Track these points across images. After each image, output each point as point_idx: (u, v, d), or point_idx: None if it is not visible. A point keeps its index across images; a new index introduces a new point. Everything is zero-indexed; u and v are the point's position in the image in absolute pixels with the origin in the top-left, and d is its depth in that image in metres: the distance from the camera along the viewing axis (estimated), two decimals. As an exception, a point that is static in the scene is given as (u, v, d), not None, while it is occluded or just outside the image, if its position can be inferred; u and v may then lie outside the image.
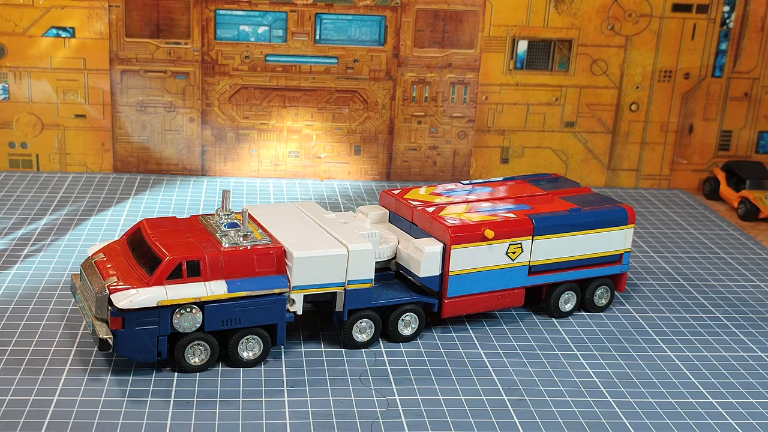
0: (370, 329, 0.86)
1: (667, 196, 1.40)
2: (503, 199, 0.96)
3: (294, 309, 0.83)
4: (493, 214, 0.91)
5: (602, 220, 0.94)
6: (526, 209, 0.93)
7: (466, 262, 0.88)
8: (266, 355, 0.83)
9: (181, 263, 0.77)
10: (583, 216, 0.93)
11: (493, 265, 0.89)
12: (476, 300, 0.90)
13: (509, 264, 0.90)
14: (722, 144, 1.44)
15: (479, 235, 0.87)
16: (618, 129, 1.41)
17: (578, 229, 0.93)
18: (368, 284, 0.84)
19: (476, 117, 1.38)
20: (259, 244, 0.81)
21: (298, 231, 0.86)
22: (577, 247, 0.93)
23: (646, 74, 1.39)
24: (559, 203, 0.96)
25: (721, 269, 1.11)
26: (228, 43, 1.30)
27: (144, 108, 1.32)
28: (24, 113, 1.31)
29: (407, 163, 1.38)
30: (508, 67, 1.36)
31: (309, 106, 1.34)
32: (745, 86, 1.41)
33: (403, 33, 1.33)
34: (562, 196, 0.98)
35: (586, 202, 0.97)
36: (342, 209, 1.24)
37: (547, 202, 0.96)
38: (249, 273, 0.80)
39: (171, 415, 0.74)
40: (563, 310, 0.95)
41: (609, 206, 0.95)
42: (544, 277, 0.93)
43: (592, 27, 1.36)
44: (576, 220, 0.93)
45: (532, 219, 0.90)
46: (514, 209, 0.93)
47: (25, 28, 1.27)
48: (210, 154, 1.35)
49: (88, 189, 1.27)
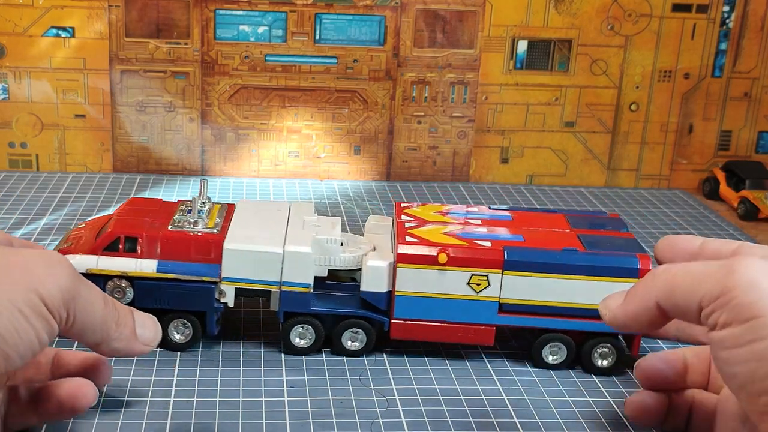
0: (311, 336, 0.84)
1: (667, 196, 1.40)
2: (506, 228, 0.87)
3: (225, 300, 0.83)
4: (468, 240, 0.83)
5: (603, 268, 0.81)
6: (512, 240, 0.84)
7: (416, 285, 0.81)
8: (196, 342, 0.83)
9: (119, 237, 0.82)
10: (579, 258, 0.81)
11: (450, 293, 0.82)
12: (432, 328, 0.83)
13: (472, 296, 0.82)
14: (722, 144, 1.44)
15: (432, 258, 0.81)
16: (618, 129, 1.41)
17: (569, 272, 0.81)
18: (305, 288, 0.82)
19: (476, 117, 1.38)
20: (201, 232, 0.83)
21: (255, 227, 0.85)
22: (566, 292, 0.81)
23: (645, 74, 1.39)
24: (567, 241, 0.84)
25: (721, 269, 1.11)
26: (228, 43, 1.30)
27: (144, 108, 1.32)
28: (24, 113, 1.31)
29: (407, 163, 1.38)
30: (508, 67, 1.36)
31: (309, 106, 1.34)
32: (744, 86, 1.41)
33: (402, 33, 1.33)
34: (582, 235, 0.86)
35: (602, 244, 0.84)
36: (342, 209, 1.24)
37: (555, 239, 0.85)
38: (184, 257, 0.82)
39: (171, 415, 0.74)
40: (547, 361, 0.84)
41: (618, 253, 0.82)
42: (521, 320, 0.83)
43: (591, 27, 1.36)
44: (567, 261, 0.81)
45: (504, 251, 0.81)
46: (500, 239, 0.84)
47: (25, 28, 1.27)
48: (210, 154, 1.35)
49: (88, 189, 1.27)
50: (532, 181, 1.41)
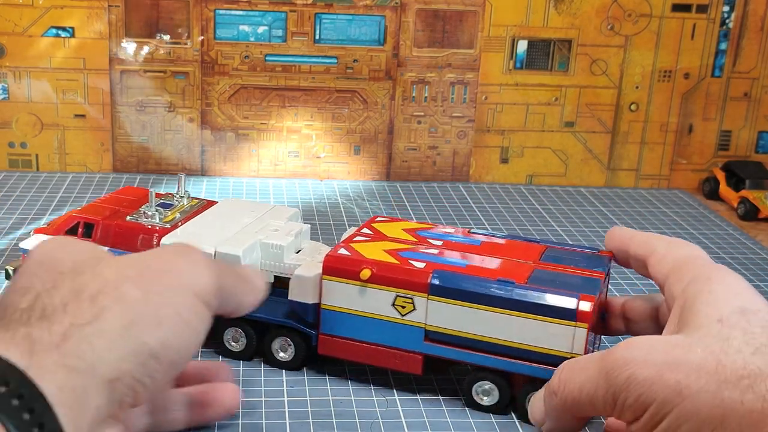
0: (243, 340, 0.82)
1: (667, 196, 1.40)
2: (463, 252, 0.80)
3: None
4: (404, 260, 0.77)
5: (534, 304, 0.71)
6: (452, 265, 0.77)
7: (341, 300, 0.77)
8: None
9: (78, 222, 0.85)
10: (511, 291, 0.72)
11: (374, 312, 0.76)
12: (358, 348, 0.78)
13: (397, 318, 0.75)
14: (722, 144, 1.44)
15: (355, 272, 0.76)
16: (618, 129, 1.41)
17: (499, 305, 0.72)
18: None
19: (476, 117, 1.38)
20: (151, 225, 0.84)
21: (210, 226, 0.85)
22: (497, 327, 0.72)
23: (645, 74, 1.39)
24: (517, 274, 0.75)
25: (720, 269, 1.11)
26: (228, 43, 1.30)
27: (144, 108, 1.32)
28: (24, 113, 1.31)
29: (407, 163, 1.38)
30: (508, 67, 1.36)
31: (309, 106, 1.34)
32: (744, 86, 1.41)
33: (402, 33, 1.33)
34: (539, 269, 0.76)
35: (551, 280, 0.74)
36: (342, 209, 1.24)
37: (506, 269, 0.76)
38: (131, 248, 0.83)
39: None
40: (478, 402, 0.76)
41: (557, 291, 0.72)
42: (448, 351, 0.75)
43: (591, 27, 1.36)
44: (497, 293, 0.72)
45: (431, 274, 0.74)
46: (441, 263, 0.77)
47: (25, 28, 1.27)
48: (210, 154, 1.35)
49: (88, 189, 1.27)
50: (532, 181, 1.41)
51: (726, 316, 0.60)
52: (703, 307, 0.62)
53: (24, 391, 0.48)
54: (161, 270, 0.59)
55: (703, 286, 0.64)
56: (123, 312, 0.55)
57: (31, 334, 0.52)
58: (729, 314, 0.60)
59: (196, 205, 0.90)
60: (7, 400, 0.47)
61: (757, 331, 0.59)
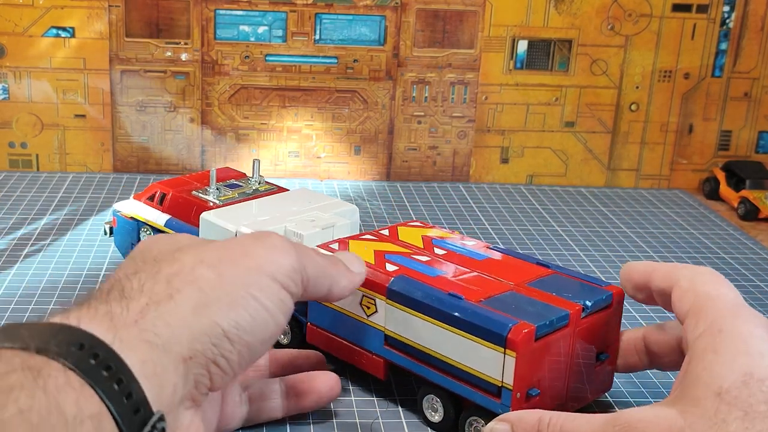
0: None
1: (667, 196, 1.40)
2: (458, 265, 0.77)
3: None
4: (386, 262, 0.76)
5: (469, 324, 0.67)
6: (425, 274, 0.74)
7: None
8: None
9: (156, 192, 0.95)
10: (454, 306, 0.69)
11: (346, 309, 0.76)
12: (335, 342, 0.78)
13: (363, 318, 0.75)
14: (722, 144, 1.44)
15: None
16: (618, 129, 1.41)
17: (442, 319, 0.69)
18: None
19: (476, 117, 1.38)
20: (207, 201, 0.92)
21: (249, 208, 0.90)
22: (443, 342, 0.69)
23: (645, 74, 1.39)
24: (480, 291, 0.72)
25: (721, 269, 1.11)
26: (228, 43, 1.30)
27: (144, 108, 1.32)
28: (24, 113, 1.31)
29: (407, 163, 1.38)
30: (508, 67, 1.36)
31: (309, 106, 1.34)
32: (745, 86, 1.41)
33: (403, 33, 1.33)
34: (514, 292, 0.72)
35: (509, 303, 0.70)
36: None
37: (481, 288, 0.72)
38: (186, 219, 0.91)
39: (171, 415, 0.74)
40: (429, 418, 0.73)
41: (495, 313, 0.67)
42: (402, 359, 0.73)
43: (592, 27, 1.36)
44: (440, 306, 0.69)
45: (392, 279, 0.73)
46: (417, 270, 0.75)
47: (25, 28, 1.27)
48: (210, 154, 1.35)
49: (88, 189, 1.27)
50: (532, 181, 1.41)
51: (726, 389, 0.55)
52: (704, 373, 0.56)
53: (112, 363, 0.50)
54: (238, 254, 0.60)
55: (709, 342, 0.58)
56: (196, 293, 0.56)
57: (111, 311, 0.53)
58: (730, 386, 0.55)
59: (263, 190, 0.96)
60: (98, 370, 0.49)
61: (762, 410, 0.53)
